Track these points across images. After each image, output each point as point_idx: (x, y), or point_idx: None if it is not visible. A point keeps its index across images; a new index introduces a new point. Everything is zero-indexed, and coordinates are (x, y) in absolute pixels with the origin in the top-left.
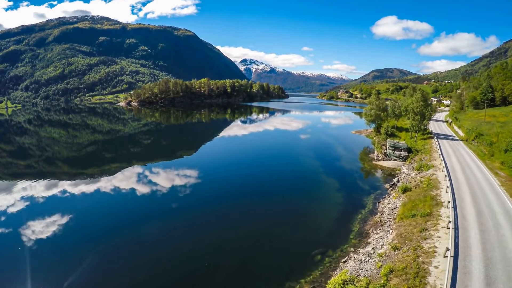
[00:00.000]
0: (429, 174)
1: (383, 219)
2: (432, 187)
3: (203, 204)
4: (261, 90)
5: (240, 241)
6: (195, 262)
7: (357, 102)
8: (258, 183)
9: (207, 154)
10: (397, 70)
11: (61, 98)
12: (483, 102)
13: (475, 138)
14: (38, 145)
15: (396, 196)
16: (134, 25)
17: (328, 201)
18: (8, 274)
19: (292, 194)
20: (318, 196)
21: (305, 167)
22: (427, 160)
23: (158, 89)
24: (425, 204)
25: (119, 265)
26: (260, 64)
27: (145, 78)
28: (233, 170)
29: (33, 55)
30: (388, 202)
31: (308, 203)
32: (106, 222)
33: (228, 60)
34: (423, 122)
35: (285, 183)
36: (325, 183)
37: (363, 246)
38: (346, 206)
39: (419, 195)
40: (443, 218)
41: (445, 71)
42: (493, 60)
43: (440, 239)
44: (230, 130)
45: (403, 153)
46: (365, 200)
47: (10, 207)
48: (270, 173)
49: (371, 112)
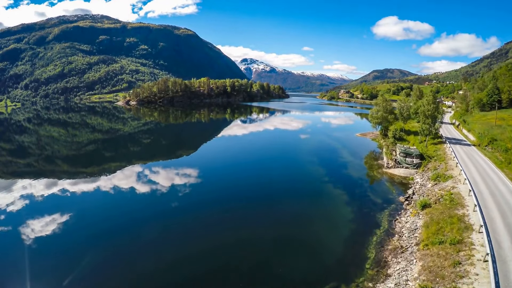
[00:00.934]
0: (449, 187)
1: (403, 244)
2: (456, 204)
3: (202, 206)
4: (261, 90)
5: (234, 268)
6: (195, 262)
7: (358, 102)
8: (258, 194)
9: (206, 154)
10: (397, 71)
11: (60, 97)
12: (489, 104)
13: (488, 143)
14: (37, 143)
15: (415, 213)
16: (134, 24)
17: (337, 218)
18: (8, 274)
19: (296, 209)
20: (325, 210)
21: (308, 175)
22: (443, 169)
23: (157, 88)
24: (452, 227)
25: (118, 265)
26: (261, 64)
27: (145, 77)
28: (233, 174)
29: (33, 54)
30: (406, 221)
31: (314, 219)
32: (105, 221)
33: (228, 60)
34: (435, 125)
35: (287, 195)
36: (332, 195)
37: (382, 280)
38: (357, 224)
39: (442, 214)
40: (477, 247)
41: (445, 71)
42: (494, 61)
43: (478, 278)
44: (230, 130)
45: (415, 160)
46: (378, 217)
47: (9, 206)
48: (271, 182)
49: (378, 114)
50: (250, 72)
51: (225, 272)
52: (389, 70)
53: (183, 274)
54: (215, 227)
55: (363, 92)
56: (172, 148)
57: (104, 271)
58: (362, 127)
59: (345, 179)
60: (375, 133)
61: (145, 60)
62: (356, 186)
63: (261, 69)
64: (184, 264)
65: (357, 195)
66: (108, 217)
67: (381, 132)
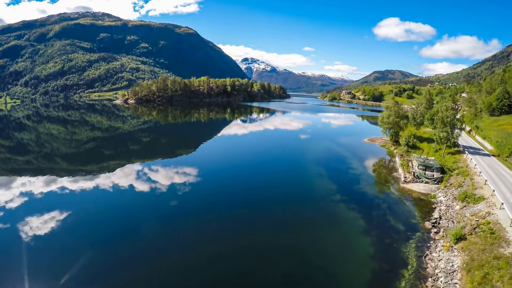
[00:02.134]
0: (483, 212)
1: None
2: (498, 239)
3: (202, 207)
4: (262, 90)
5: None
6: (195, 265)
7: (360, 104)
8: (259, 212)
9: (206, 154)
10: (398, 72)
11: (60, 94)
12: (499, 108)
13: (510, 154)
14: (37, 141)
15: (448, 246)
16: (135, 22)
17: (354, 252)
18: (6, 272)
19: (304, 237)
20: (339, 241)
21: (316, 191)
22: (470, 187)
23: (156, 87)
24: (502, 275)
25: (116, 264)
26: (261, 63)
27: (145, 75)
28: (235, 176)
29: (33, 51)
30: (438, 257)
31: (325, 254)
32: (104, 219)
33: (229, 59)
34: (454, 134)
35: (292, 215)
36: (345, 219)
37: None
38: (379, 261)
39: (484, 253)
40: None
41: (447, 73)
42: (495, 64)
43: None
44: (230, 129)
45: (436, 173)
46: (404, 251)
47: (7, 203)
48: (273, 199)
49: (389, 119)
50: (251, 72)
51: (225, 278)
52: (390, 71)
53: (182, 275)
54: (217, 228)
55: (365, 93)
56: (171, 146)
57: (103, 270)
58: (369, 131)
59: (359, 197)
60: (385, 139)
61: (146, 58)
62: (372, 206)
63: (262, 69)
64: (184, 266)
65: (375, 219)
66: (107, 215)
67: (391, 138)
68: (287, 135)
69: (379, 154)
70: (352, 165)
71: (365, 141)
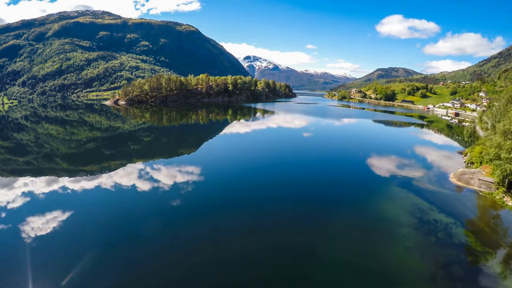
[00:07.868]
0: None
1: None
2: None
3: (206, 207)
4: (266, 88)
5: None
6: (198, 264)
7: (372, 103)
8: (270, 216)
9: (207, 154)
10: (402, 69)
11: (57, 94)
12: None
13: None
14: (36, 141)
15: None
16: (135, 20)
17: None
18: (8, 271)
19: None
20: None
21: None
22: None
23: (148, 86)
24: None
25: (118, 263)
26: (264, 61)
27: (145, 74)
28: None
29: (31, 50)
30: None
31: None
32: (104, 219)
33: (231, 57)
34: None
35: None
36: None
37: None
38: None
39: None
40: None
41: (452, 71)
42: (502, 61)
43: None
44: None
45: None
46: None
47: (8, 203)
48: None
49: (508, 143)
50: (253, 70)
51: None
52: (394, 69)
53: (187, 277)
54: (222, 229)
55: (377, 92)
56: (172, 146)
57: (104, 270)
58: (438, 151)
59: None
60: (484, 179)
61: (146, 57)
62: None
63: (264, 67)
64: (188, 268)
65: None
66: (109, 215)
67: (500, 180)
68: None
69: (489, 212)
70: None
71: (452, 181)
